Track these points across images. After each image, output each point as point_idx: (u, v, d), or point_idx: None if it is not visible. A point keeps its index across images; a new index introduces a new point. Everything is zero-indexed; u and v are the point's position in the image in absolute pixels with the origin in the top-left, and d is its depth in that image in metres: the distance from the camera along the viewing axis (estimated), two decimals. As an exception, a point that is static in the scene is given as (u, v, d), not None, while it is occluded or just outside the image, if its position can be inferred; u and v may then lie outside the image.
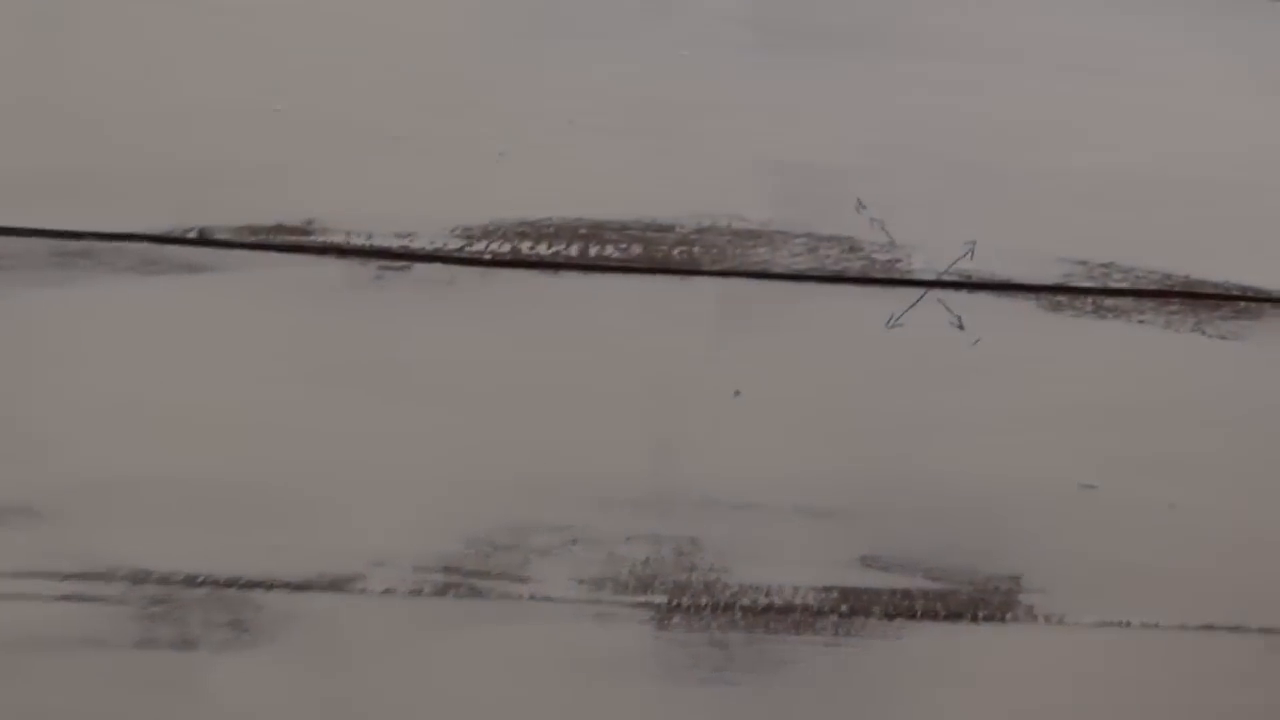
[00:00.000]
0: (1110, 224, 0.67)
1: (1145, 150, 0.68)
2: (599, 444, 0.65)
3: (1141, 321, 0.67)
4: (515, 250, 0.65)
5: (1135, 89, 0.68)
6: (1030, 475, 0.67)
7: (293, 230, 0.64)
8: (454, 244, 0.65)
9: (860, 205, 0.66)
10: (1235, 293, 0.68)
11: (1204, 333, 0.68)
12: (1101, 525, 0.67)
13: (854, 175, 0.66)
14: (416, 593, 0.65)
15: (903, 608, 0.66)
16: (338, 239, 0.64)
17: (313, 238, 0.64)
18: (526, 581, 0.65)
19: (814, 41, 0.67)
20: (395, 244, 0.64)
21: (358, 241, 0.64)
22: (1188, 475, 0.67)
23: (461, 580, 0.65)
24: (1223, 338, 0.68)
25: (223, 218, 0.64)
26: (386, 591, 0.65)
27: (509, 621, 0.65)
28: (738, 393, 0.66)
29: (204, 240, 0.64)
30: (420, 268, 0.64)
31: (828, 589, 0.66)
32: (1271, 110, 0.69)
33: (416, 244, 0.65)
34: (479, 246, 0.65)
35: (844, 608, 0.66)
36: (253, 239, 0.64)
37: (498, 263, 0.65)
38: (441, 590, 0.65)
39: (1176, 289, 0.67)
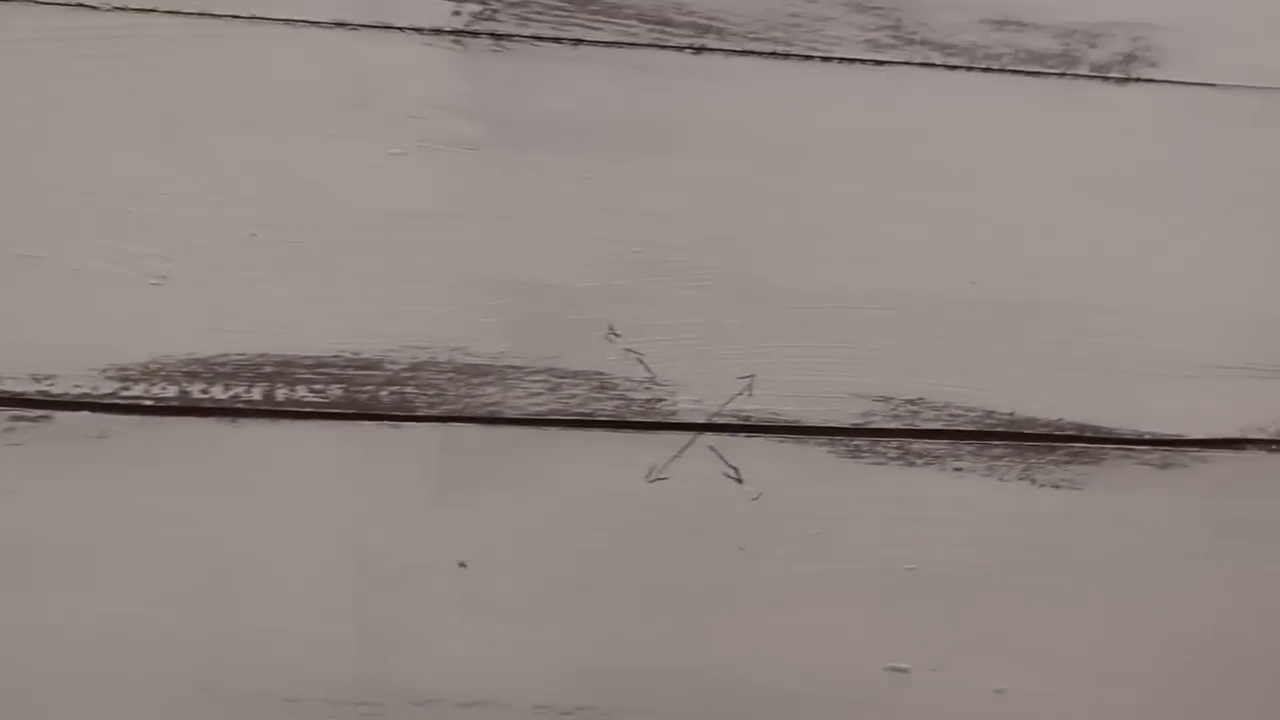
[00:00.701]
0: (918, 353, 0.61)
1: (959, 266, 0.61)
2: (290, 632, 0.58)
3: (959, 469, 0.62)
4: (183, 394, 0.58)
5: (946, 193, 0.61)
6: (827, 658, 0.61)
7: (-103, 375, 0.57)
8: (106, 387, 0.57)
9: (612, 333, 0.60)
10: (1070, 432, 0.62)
11: (1034, 480, 0.62)
12: (915, 716, 0.62)
13: (604, 297, 0.60)
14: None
15: (668, 825, 0.60)
16: (-44, 384, 0.57)
17: (-76, 383, 0.57)
18: (202, 803, 0.58)
19: (552, 136, 0.59)
20: (31, 389, 0.57)
21: (-17, 387, 0.57)
22: (1017, 655, 0.62)
23: (119, 805, 0.58)
24: (1056, 486, 0.62)
25: None
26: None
27: None
28: (463, 565, 0.59)
29: None
30: (63, 417, 0.57)
31: (575, 804, 0.60)
32: (1107, 219, 0.62)
33: (58, 388, 0.57)
34: (137, 390, 0.57)
35: (595, 826, 0.60)
36: None
37: (162, 409, 0.57)
38: (94, 816, 0.58)
39: (999, 429, 0.62)
